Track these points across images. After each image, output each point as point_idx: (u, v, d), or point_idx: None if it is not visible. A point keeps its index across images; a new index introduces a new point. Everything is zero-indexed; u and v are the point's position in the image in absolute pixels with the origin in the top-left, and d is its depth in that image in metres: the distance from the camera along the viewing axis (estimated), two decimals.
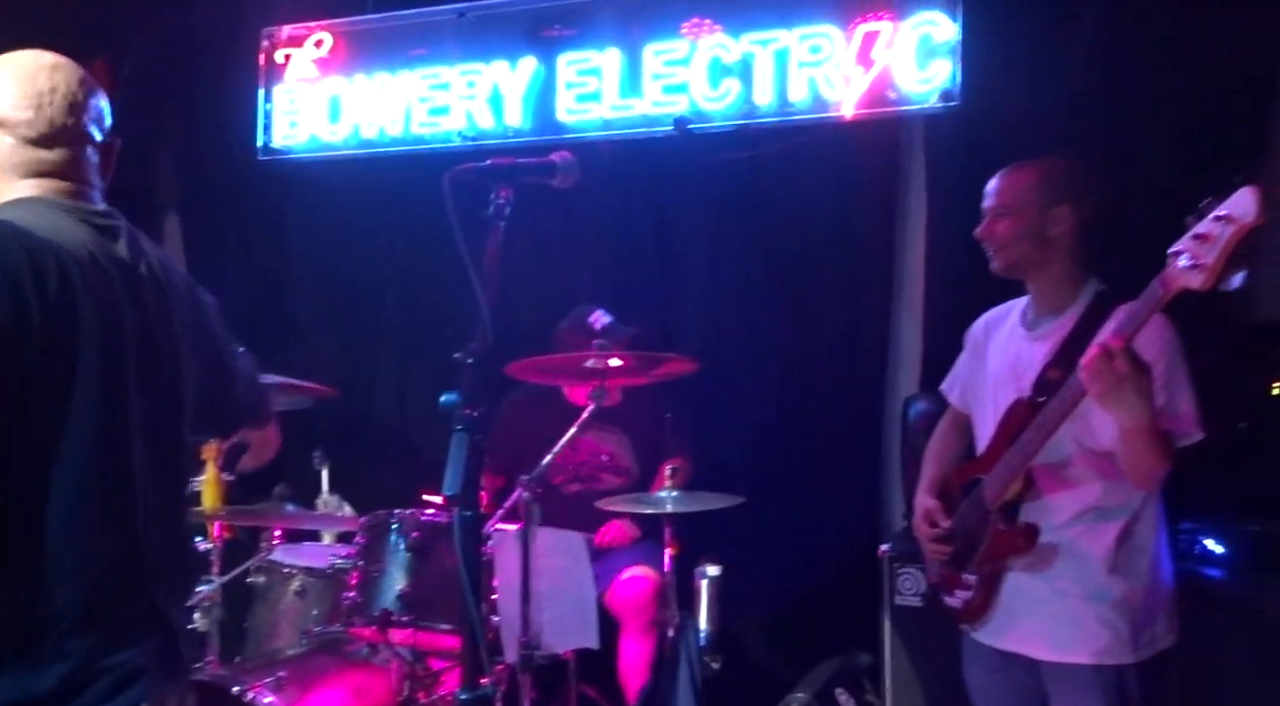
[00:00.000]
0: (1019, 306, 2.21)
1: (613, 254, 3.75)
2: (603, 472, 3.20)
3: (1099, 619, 1.98)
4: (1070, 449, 2.00)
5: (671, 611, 2.68)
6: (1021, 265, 2.10)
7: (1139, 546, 2.01)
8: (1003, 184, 2.13)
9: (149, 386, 1.50)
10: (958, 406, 2.36)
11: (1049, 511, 2.02)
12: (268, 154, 3.96)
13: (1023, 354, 2.11)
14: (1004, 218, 2.08)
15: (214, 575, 2.66)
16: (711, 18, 3.41)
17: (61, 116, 1.50)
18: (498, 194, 1.80)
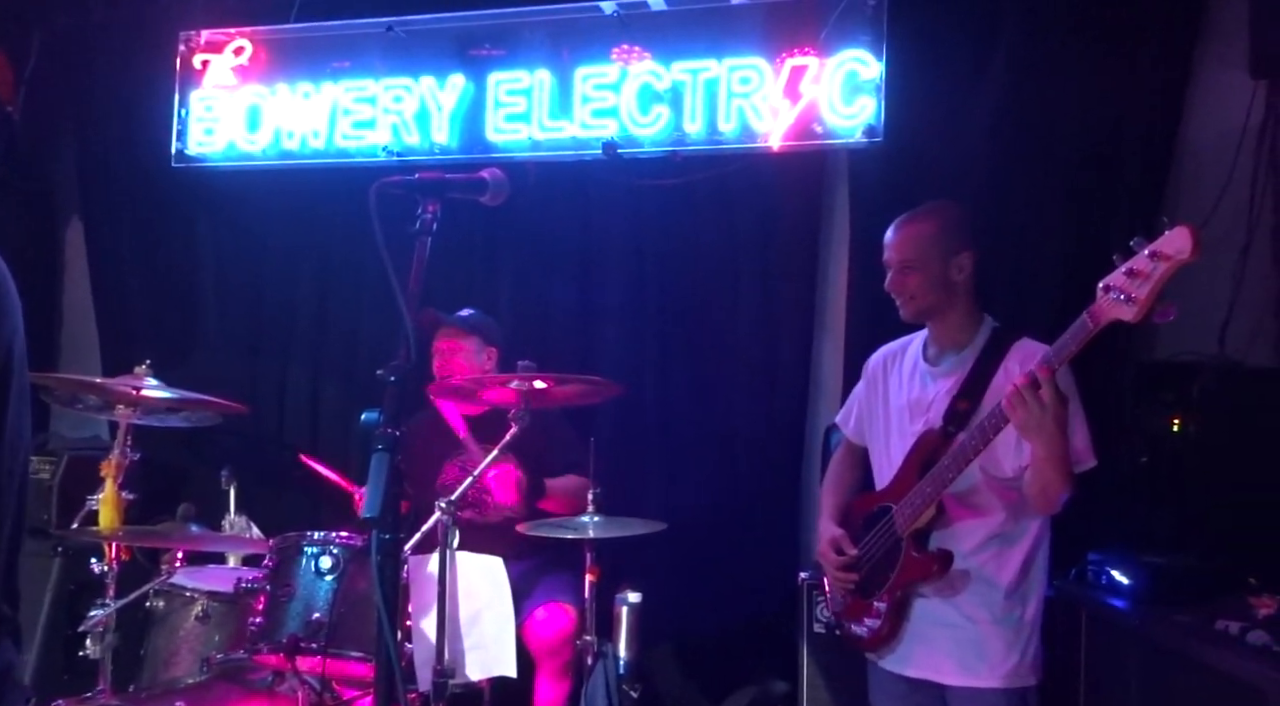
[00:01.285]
0: (916, 341, 2.32)
1: (535, 275, 3.72)
2: (486, 496, 3.14)
3: (1006, 642, 2.07)
4: (977, 477, 2.09)
5: (590, 638, 2.64)
6: (930, 311, 2.21)
7: (1037, 573, 2.12)
8: (903, 236, 2.22)
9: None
10: (853, 438, 2.45)
11: (958, 538, 2.11)
12: (182, 161, 3.83)
13: (928, 387, 2.21)
14: (911, 271, 2.18)
15: (109, 599, 2.51)
16: (641, 45, 3.44)
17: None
18: (425, 208, 1.77)
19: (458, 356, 3.18)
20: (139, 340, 3.95)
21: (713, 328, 3.53)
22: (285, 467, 3.89)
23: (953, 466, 2.03)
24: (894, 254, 2.22)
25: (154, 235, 4.07)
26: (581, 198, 3.67)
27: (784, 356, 3.45)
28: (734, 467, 3.47)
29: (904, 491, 2.14)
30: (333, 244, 3.88)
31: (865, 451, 2.40)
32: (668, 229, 3.58)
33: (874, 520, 2.23)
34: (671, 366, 3.57)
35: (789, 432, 3.43)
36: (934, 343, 2.26)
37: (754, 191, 3.47)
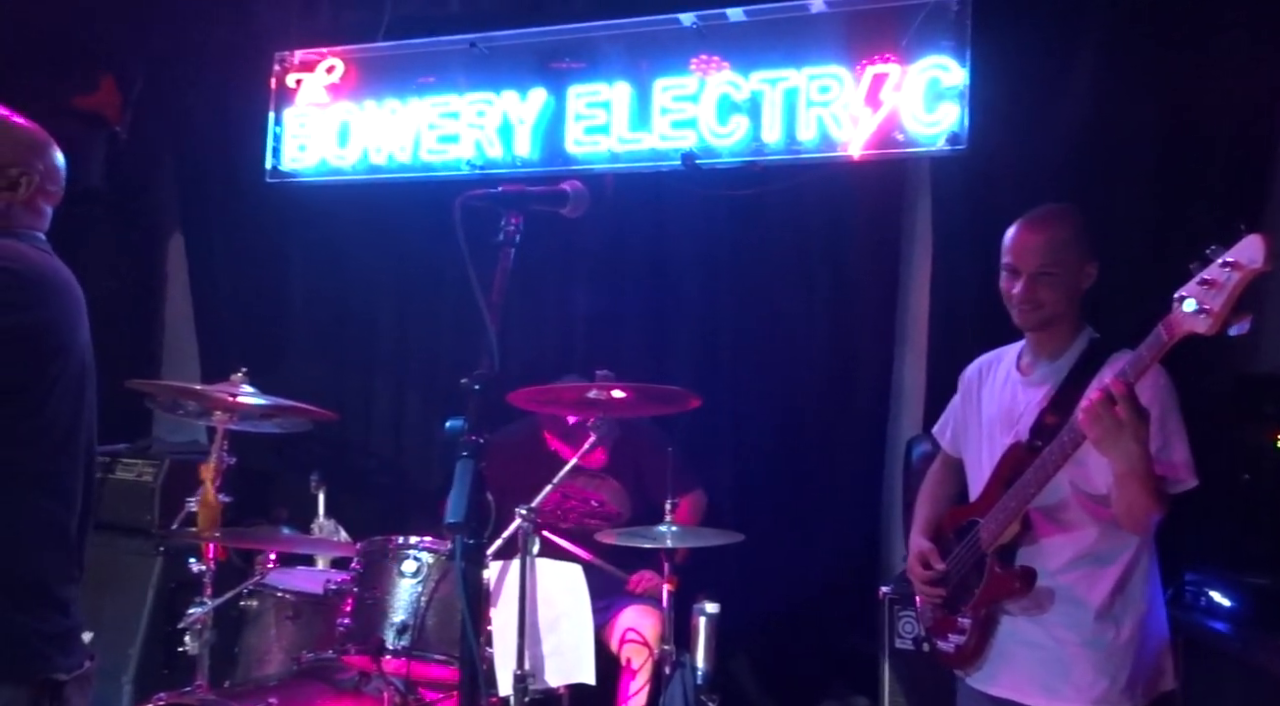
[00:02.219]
0: (1013, 351, 2.24)
1: (612, 286, 3.75)
2: (591, 519, 3.16)
3: (1095, 666, 1.99)
4: (1066, 493, 2.02)
5: (668, 647, 2.64)
6: (1052, 322, 2.09)
7: (1134, 595, 2.02)
8: (1041, 242, 2.07)
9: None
10: (949, 450, 2.39)
11: (1045, 555, 2.04)
12: (276, 177, 3.97)
13: (1019, 398, 2.14)
14: (1047, 280, 2.05)
15: (206, 598, 2.62)
16: (720, 55, 3.44)
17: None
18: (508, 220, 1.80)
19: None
20: (235, 349, 4.11)
21: (790, 339, 3.51)
22: (371, 473, 4.01)
23: (1034, 481, 1.96)
24: (1028, 260, 2.07)
25: (249, 248, 4.23)
26: (659, 209, 3.69)
27: (863, 368, 3.41)
28: (811, 480, 3.44)
29: (990, 505, 2.08)
30: (417, 256, 3.98)
31: (961, 463, 2.32)
32: (745, 239, 3.58)
33: (963, 534, 2.17)
34: (747, 377, 3.56)
35: (868, 445, 3.39)
36: (1030, 351, 2.17)
37: (833, 201, 3.44)
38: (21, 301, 1.67)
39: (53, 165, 1.86)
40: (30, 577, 1.68)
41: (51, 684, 1.66)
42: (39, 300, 1.69)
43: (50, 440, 1.71)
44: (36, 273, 1.71)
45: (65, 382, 1.72)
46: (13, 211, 1.78)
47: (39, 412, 1.68)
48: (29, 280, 1.69)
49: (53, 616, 1.69)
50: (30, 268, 1.71)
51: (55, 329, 1.72)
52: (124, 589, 3.29)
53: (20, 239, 1.76)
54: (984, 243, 3.16)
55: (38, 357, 1.68)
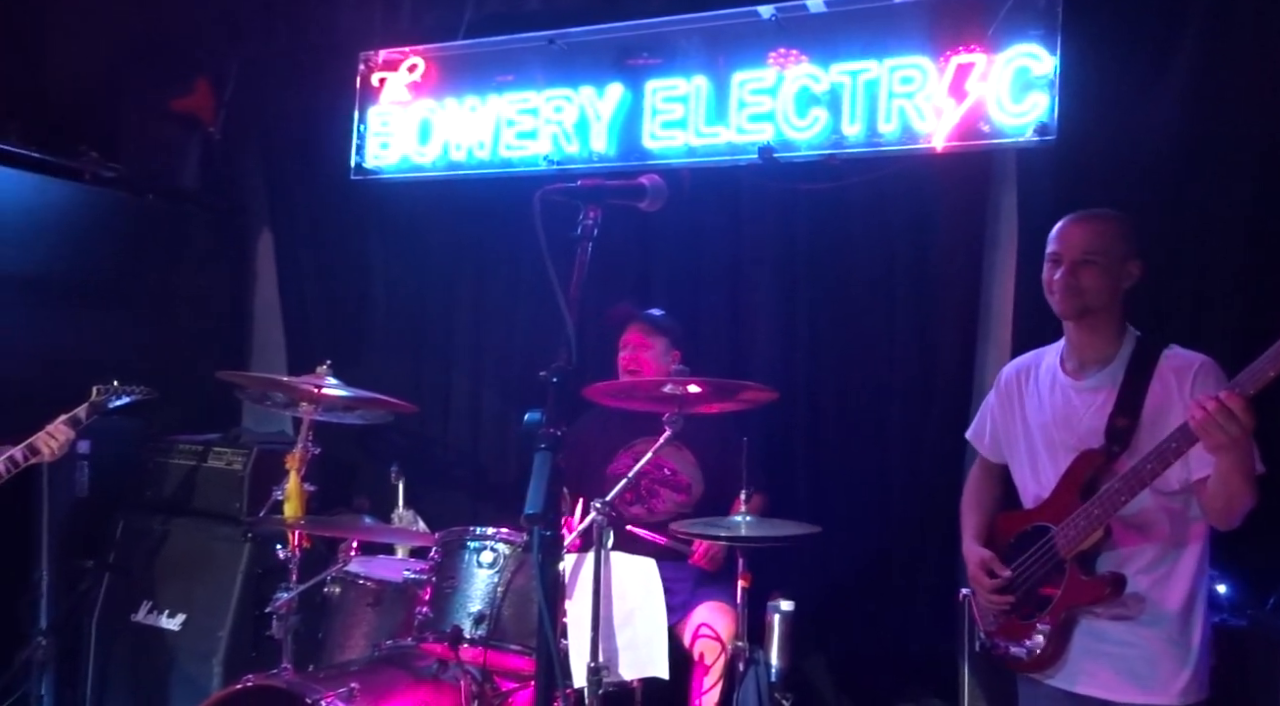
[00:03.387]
0: (1051, 354, 2.28)
1: (689, 281, 3.74)
2: (662, 487, 3.19)
3: (1178, 659, 2.04)
4: (1146, 497, 2.04)
5: (742, 644, 2.63)
6: (1092, 313, 2.15)
7: (1200, 591, 2.08)
8: (1087, 230, 2.16)
9: None
10: (989, 456, 2.42)
11: (1126, 559, 2.08)
12: (360, 174, 4.07)
13: (1074, 403, 2.16)
14: (1092, 266, 2.13)
15: (291, 583, 2.70)
16: (799, 47, 3.40)
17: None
18: (586, 214, 1.81)
19: (645, 352, 3.28)
20: (320, 342, 4.22)
21: (869, 334, 3.45)
22: (449, 465, 4.08)
23: (1125, 490, 2.00)
24: (1072, 246, 2.16)
25: (334, 244, 4.34)
26: (736, 203, 3.67)
27: (944, 365, 3.33)
28: (890, 478, 3.38)
29: (1064, 512, 2.10)
30: (495, 251, 4.03)
31: (1003, 468, 2.36)
32: (823, 233, 3.53)
33: (1027, 541, 2.19)
34: (826, 373, 3.51)
35: (948, 443, 3.30)
36: (1074, 355, 2.20)
37: (914, 194, 3.37)
38: None
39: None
40: None
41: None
42: None
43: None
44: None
45: None
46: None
47: None
48: None
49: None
50: None
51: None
52: (214, 574, 3.41)
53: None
54: None
55: None
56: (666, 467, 3.20)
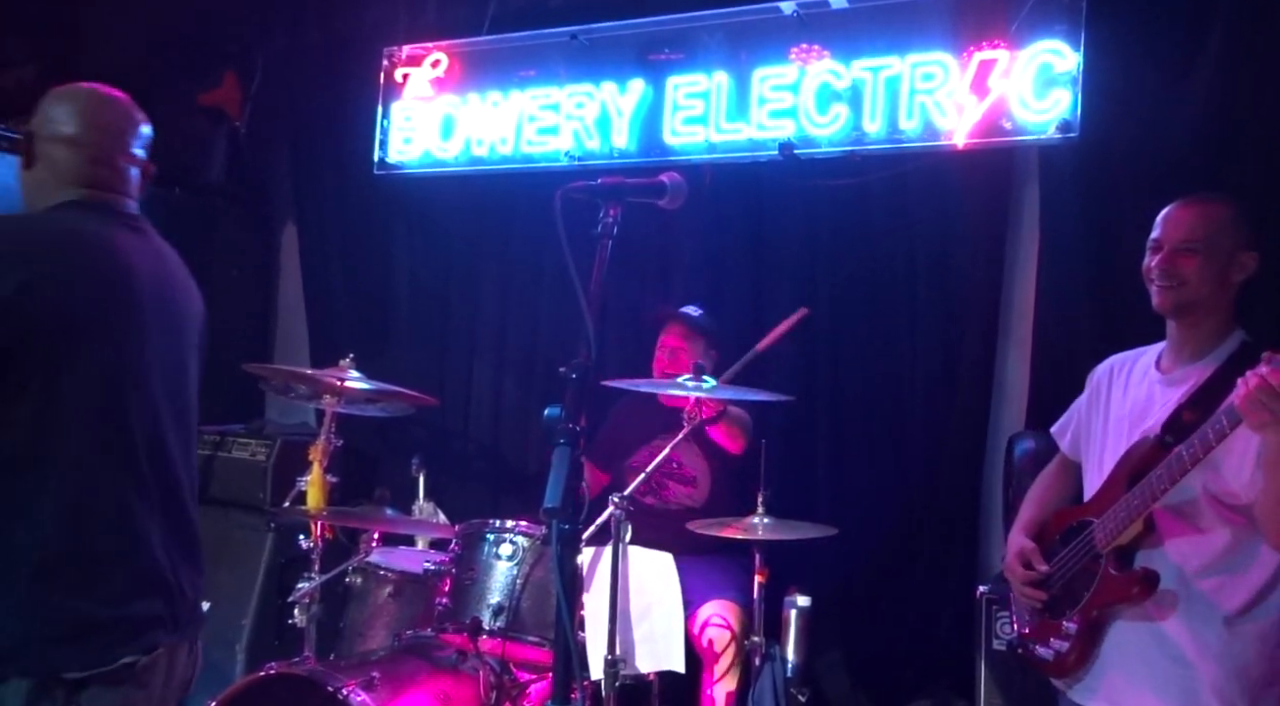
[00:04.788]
0: (1153, 352, 2.10)
1: (709, 277, 3.75)
2: (670, 480, 3.21)
3: (1211, 685, 1.84)
4: (1197, 494, 1.87)
5: (759, 640, 2.64)
6: (1193, 307, 1.95)
7: (1271, 608, 1.86)
8: (1193, 215, 1.96)
9: (167, 366, 1.77)
10: (1068, 452, 2.26)
11: (1169, 559, 1.90)
12: (383, 169, 4.10)
13: (1154, 397, 2.00)
14: (1193, 254, 1.93)
15: (314, 573, 2.73)
16: (820, 43, 3.40)
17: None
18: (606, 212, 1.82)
19: (683, 355, 3.22)
20: (343, 335, 4.27)
21: (889, 332, 3.44)
22: (469, 458, 4.11)
23: (1166, 477, 1.81)
24: (1174, 232, 1.95)
25: (357, 238, 4.38)
26: (757, 199, 3.67)
27: (964, 362, 3.32)
28: (909, 476, 3.38)
29: (1108, 504, 1.95)
30: (516, 246, 4.06)
31: (1077, 466, 2.20)
32: (843, 230, 3.53)
33: (1071, 536, 2.05)
34: (845, 370, 3.51)
35: (969, 441, 3.30)
36: (1171, 351, 2.02)
37: (936, 191, 3.36)
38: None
39: (104, 125, 1.79)
40: (49, 566, 1.53)
41: (62, 682, 1.49)
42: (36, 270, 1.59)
43: (70, 418, 1.58)
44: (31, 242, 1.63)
45: (79, 352, 1.61)
46: (66, 170, 1.75)
47: (50, 390, 1.56)
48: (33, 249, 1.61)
49: (72, 604, 1.52)
50: (41, 234, 1.66)
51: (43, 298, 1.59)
52: (238, 562, 3.46)
53: (70, 211, 1.72)
54: (1094, 234, 3.07)
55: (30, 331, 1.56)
56: (674, 460, 3.21)
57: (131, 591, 1.59)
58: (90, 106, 1.80)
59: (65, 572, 1.53)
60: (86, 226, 1.72)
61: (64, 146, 1.76)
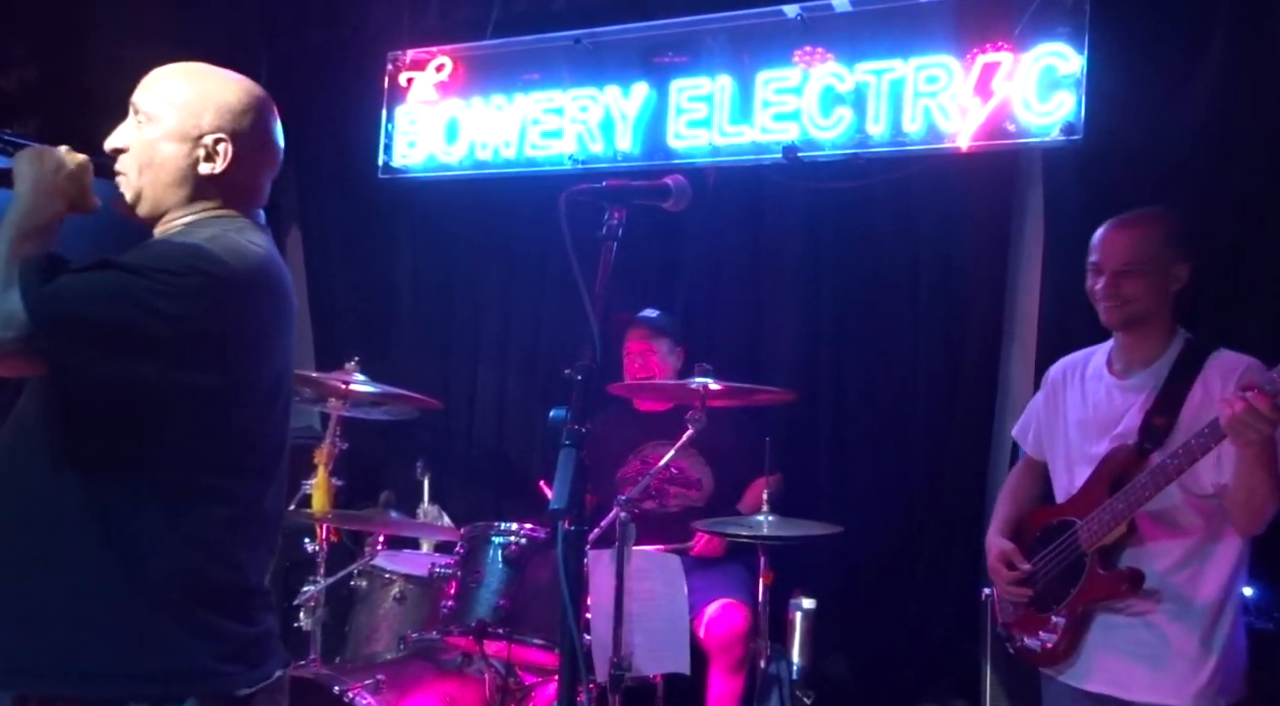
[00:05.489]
0: (1100, 353, 2.25)
1: (712, 279, 3.75)
2: (671, 485, 3.21)
3: (1195, 660, 2.01)
4: (1175, 495, 2.02)
5: (763, 642, 2.64)
6: (1138, 320, 2.12)
7: (1234, 593, 2.04)
8: (1128, 239, 2.13)
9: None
10: (1032, 453, 2.39)
11: (1152, 556, 2.06)
12: (387, 173, 4.11)
13: (1115, 401, 2.15)
14: (1133, 275, 2.09)
15: (319, 576, 2.74)
16: (824, 46, 3.40)
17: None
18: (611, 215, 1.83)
19: (652, 357, 3.30)
20: (347, 338, 4.28)
21: (893, 334, 3.45)
22: (473, 461, 4.12)
23: (1150, 485, 1.98)
24: (1111, 256, 2.12)
25: (361, 242, 4.39)
26: (760, 202, 3.68)
27: (968, 364, 3.33)
28: (912, 477, 3.38)
29: (1090, 506, 2.10)
30: (520, 249, 4.06)
31: (1043, 466, 2.35)
32: (846, 233, 3.53)
33: (1052, 534, 2.19)
34: (849, 372, 3.51)
35: (972, 443, 3.30)
36: (1122, 356, 2.19)
37: (939, 194, 3.37)
38: (199, 296, 1.46)
39: (264, 129, 1.66)
40: (202, 590, 1.50)
41: (231, 699, 1.50)
42: (227, 306, 1.48)
43: (223, 457, 1.53)
44: (235, 275, 1.49)
45: (251, 390, 1.54)
46: (216, 187, 1.59)
47: (210, 424, 1.50)
48: (224, 283, 1.48)
49: (232, 627, 1.51)
50: (230, 270, 1.49)
51: (240, 335, 1.50)
52: None
53: (228, 224, 1.57)
54: None
55: (204, 362, 1.47)
56: (675, 466, 3.21)
57: (261, 611, 1.59)
58: None
59: (223, 598, 1.53)
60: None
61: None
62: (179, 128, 1.57)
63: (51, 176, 1.52)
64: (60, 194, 1.53)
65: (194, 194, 1.58)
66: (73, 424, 1.47)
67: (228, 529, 1.53)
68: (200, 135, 1.57)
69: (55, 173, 1.53)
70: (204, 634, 1.49)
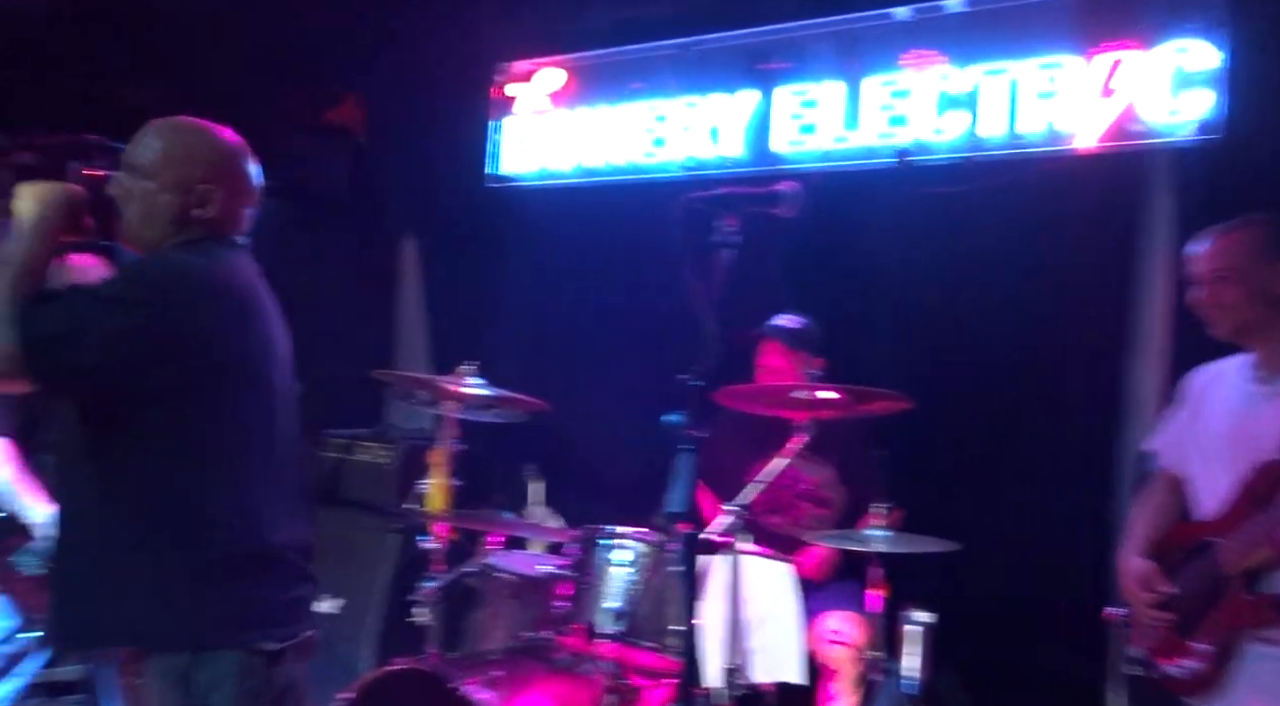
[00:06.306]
0: (1240, 362, 2.16)
1: (819, 286, 3.70)
2: (802, 502, 3.17)
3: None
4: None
5: (877, 656, 2.60)
6: (1249, 329, 2.07)
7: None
8: (1217, 247, 2.09)
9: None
10: (1168, 466, 2.29)
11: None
12: (495, 182, 4.21)
13: (1261, 411, 2.04)
14: (1225, 282, 2.06)
15: (436, 573, 2.82)
16: (936, 48, 3.34)
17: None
18: (725, 222, 1.84)
19: (787, 376, 3.11)
20: (458, 342, 4.38)
21: (1010, 342, 3.34)
22: (580, 464, 4.17)
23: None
24: (1205, 264, 2.10)
25: (473, 249, 4.49)
26: (868, 207, 3.62)
27: (1092, 375, 3.20)
28: (1034, 491, 3.26)
29: (1234, 524, 1.98)
30: (626, 255, 4.09)
31: (1181, 481, 2.23)
32: (960, 238, 3.44)
33: (1194, 555, 2.07)
34: (964, 383, 3.41)
35: (1096, 456, 3.18)
36: (1264, 363, 2.09)
37: (1059, 198, 3.25)
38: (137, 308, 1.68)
39: (242, 174, 1.90)
40: (223, 558, 1.73)
41: (263, 652, 1.72)
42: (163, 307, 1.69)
43: (209, 434, 1.74)
44: (172, 280, 1.73)
45: (213, 378, 1.75)
46: (201, 223, 1.83)
47: (187, 409, 1.71)
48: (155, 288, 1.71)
49: (259, 591, 1.75)
50: (170, 275, 1.74)
51: (182, 334, 1.71)
52: (365, 561, 3.60)
53: (198, 248, 1.80)
54: None
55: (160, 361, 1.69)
56: (808, 482, 3.17)
57: (294, 578, 1.82)
58: None
59: (253, 565, 1.76)
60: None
61: None
62: (174, 181, 1.81)
63: (51, 209, 1.75)
64: (53, 224, 1.75)
65: (183, 231, 1.83)
66: (87, 425, 1.73)
67: (237, 499, 1.75)
68: (192, 185, 1.82)
69: (54, 205, 1.76)
70: (234, 595, 1.72)
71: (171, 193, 1.80)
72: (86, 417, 1.73)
